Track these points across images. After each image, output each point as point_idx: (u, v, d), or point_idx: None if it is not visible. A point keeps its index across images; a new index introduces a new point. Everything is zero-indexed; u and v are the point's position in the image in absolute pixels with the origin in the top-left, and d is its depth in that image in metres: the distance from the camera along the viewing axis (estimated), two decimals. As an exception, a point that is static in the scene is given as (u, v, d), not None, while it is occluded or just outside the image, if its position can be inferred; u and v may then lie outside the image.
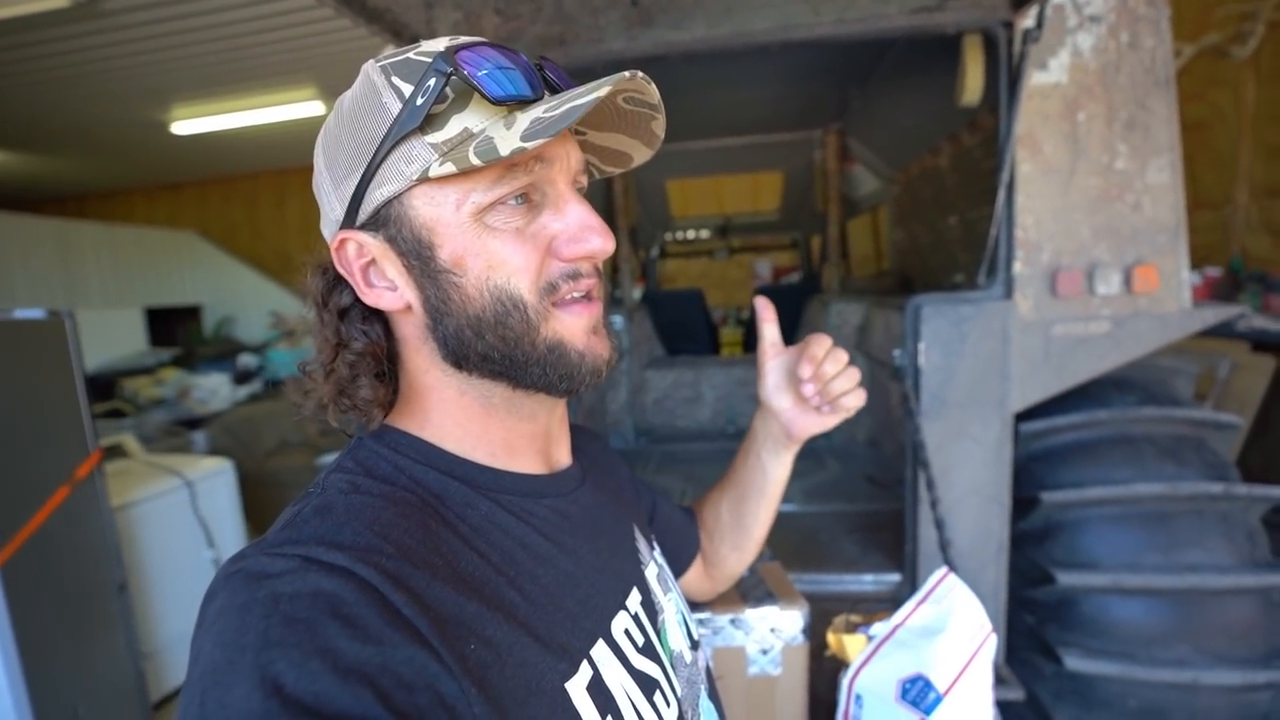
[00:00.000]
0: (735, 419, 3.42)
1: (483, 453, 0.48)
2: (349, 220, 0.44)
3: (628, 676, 0.46)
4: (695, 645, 0.61)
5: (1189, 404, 1.60)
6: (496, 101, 0.40)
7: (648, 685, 0.48)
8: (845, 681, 0.84)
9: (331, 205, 0.45)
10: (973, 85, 1.42)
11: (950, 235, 2.29)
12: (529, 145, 0.38)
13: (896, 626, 0.87)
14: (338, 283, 0.48)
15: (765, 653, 0.92)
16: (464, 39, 0.42)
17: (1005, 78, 1.32)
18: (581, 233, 0.44)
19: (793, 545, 1.78)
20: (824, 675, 0.90)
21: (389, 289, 0.45)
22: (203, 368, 5.88)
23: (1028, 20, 1.24)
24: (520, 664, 0.38)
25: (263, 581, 0.33)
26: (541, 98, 0.42)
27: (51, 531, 1.63)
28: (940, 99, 1.69)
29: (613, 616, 0.48)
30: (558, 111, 0.39)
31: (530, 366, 0.45)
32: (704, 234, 5.02)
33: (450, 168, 0.39)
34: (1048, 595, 1.48)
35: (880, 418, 2.65)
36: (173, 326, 7.62)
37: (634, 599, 0.52)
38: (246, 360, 6.10)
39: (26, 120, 5.56)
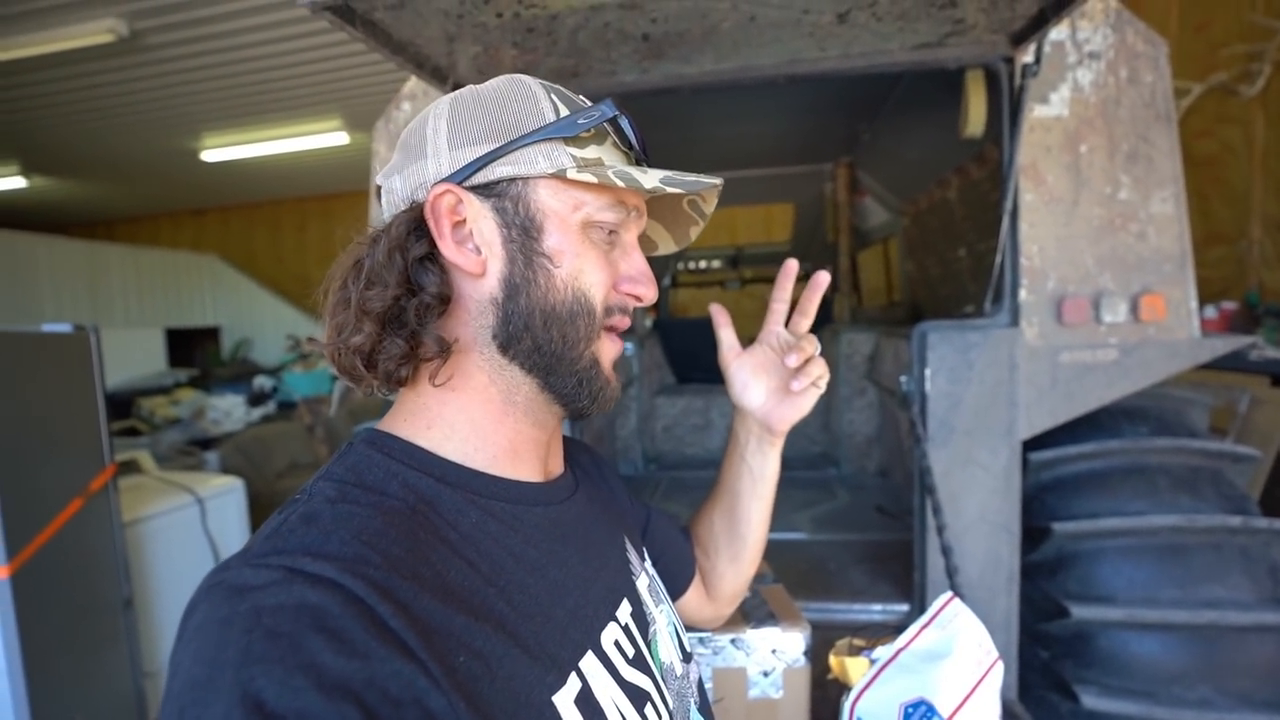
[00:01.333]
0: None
1: (483, 456, 0.48)
2: (456, 178, 0.46)
3: (617, 689, 0.46)
4: (687, 658, 0.60)
5: (1204, 435, 1.58)
6: (629, 151, 0.50)
7: (638, 697, 0.47)
8: (847, 705, 0.83)
9: (438, 160, 0.47)
10: (975, 118, 1.46)
11: (959, 266, 2.31)
12: (667, 189, 0.46)
13: (900, 650, 0.86)
14: (416, 231, 0.47)
15: (766, 675, 0.90)
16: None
17: (1007, 111, 1.35)
18: (641, 277, 0.51)
19: (800, 573, 1.76)
20: (827, 701, 0.89)
21: (474, 251, 0.47)
22: (218, 389, 5.97)
23: (1027, 56, 1.27)
24: (509, 676, 0.38)
25: (245, 594, 0.33)
26: (646, 159, 0.52)
27: (62, 543, 1.65)
28: (947, 132, 1.73)
29: (603, 627, 0.48)
30: (688, 177, 0.47)
31: (568, 375, 0.48)
32: (716, 264, 5.07)
33: (589, 177, 0.45)
34: (1062, 629, 1.44)
35: (891, 448, 2.63)
36: (191, 347, 7.76)
37: (624, 610, 0.52)
38: (261, 382, 6.19)
39: (63, 147, 5.79)
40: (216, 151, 6.02)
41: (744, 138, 2.84)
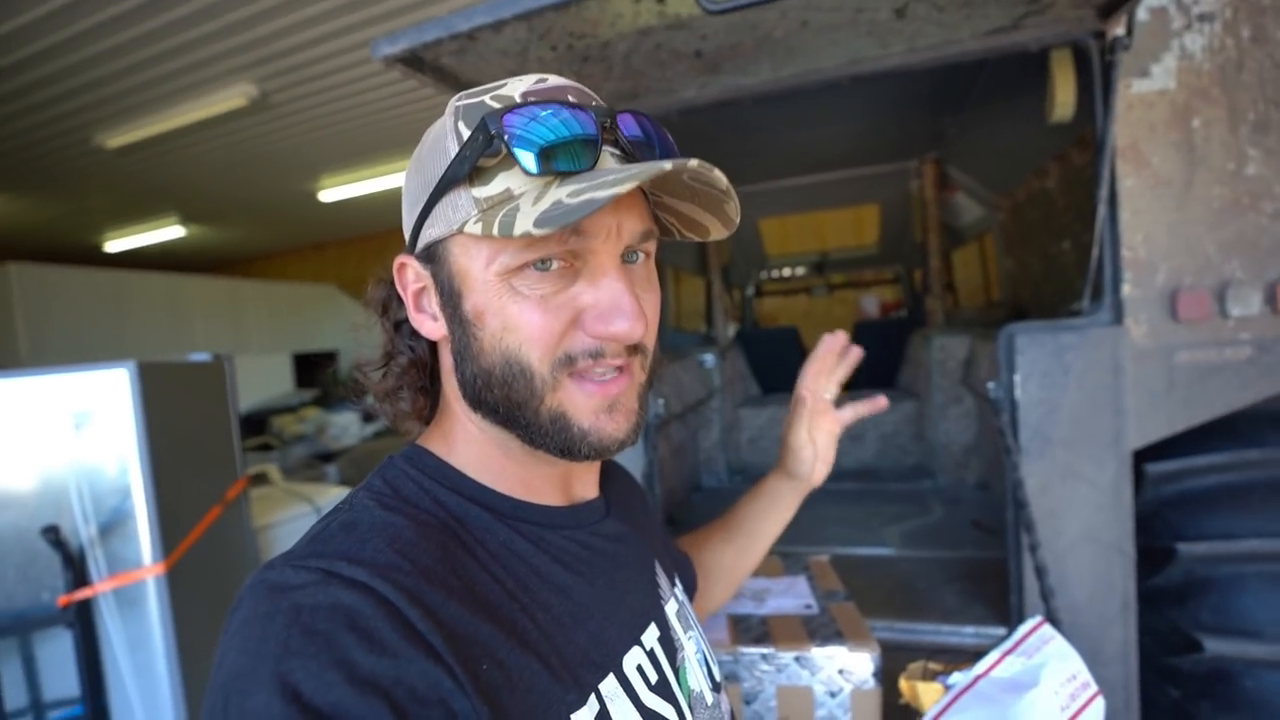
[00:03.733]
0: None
1: (505, 485, 0.49)
2: (411, 246, 0.46)
3: (636, 715, 0.45)
4: (717, 687, 0.58)
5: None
6: (529, 174, 0.39)
7: None
8: (918, 733, 0.78)
9: (407, 227, 0.47)
10: (1063, 100, 1.34)
11: (1064, 261, 2.13)
12: (536, 232, 0.37)
13: (978, 677, 0.80)
14: (397, 299, 0.50)
15: (833, 695, 0.87)
16: (540, 87, 0.41)
17: (1099, 89, 1.24)
18: (610, 312, 0.41)
19: (886, 591, 1.67)
20: (900, 727, 0.84)
21: (432, 319, 0.47)
22: (337, 407, 6.54)
23: (1118, 28, 1.16)
24: (529, 690, 0.38)
25: (285, 593, 0.35)
26: (591, 168, 0.40)
27: (205, 545, 1.88)
28: (1042, 119, 1.61)
29: (625, 651, 0.47)
30: (577, 200, 0.37)
31: (533, 430, 0.45)
32: (800, 271, 4.95)
33: (479, 230, 0.40)
34: (1195, 665, 1.27)
35: (990, 459, 2.44)
36: (314, 370, 8.58)
37: (651, 635, 0.51)
38: (373, 400, 6.70)
39: (210, 198, 6.63)
40: (332, 191, 6.65)
41: (820, 141, 2.77)
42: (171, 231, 7.50)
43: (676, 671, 0.52)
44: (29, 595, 1.71)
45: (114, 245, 7.83)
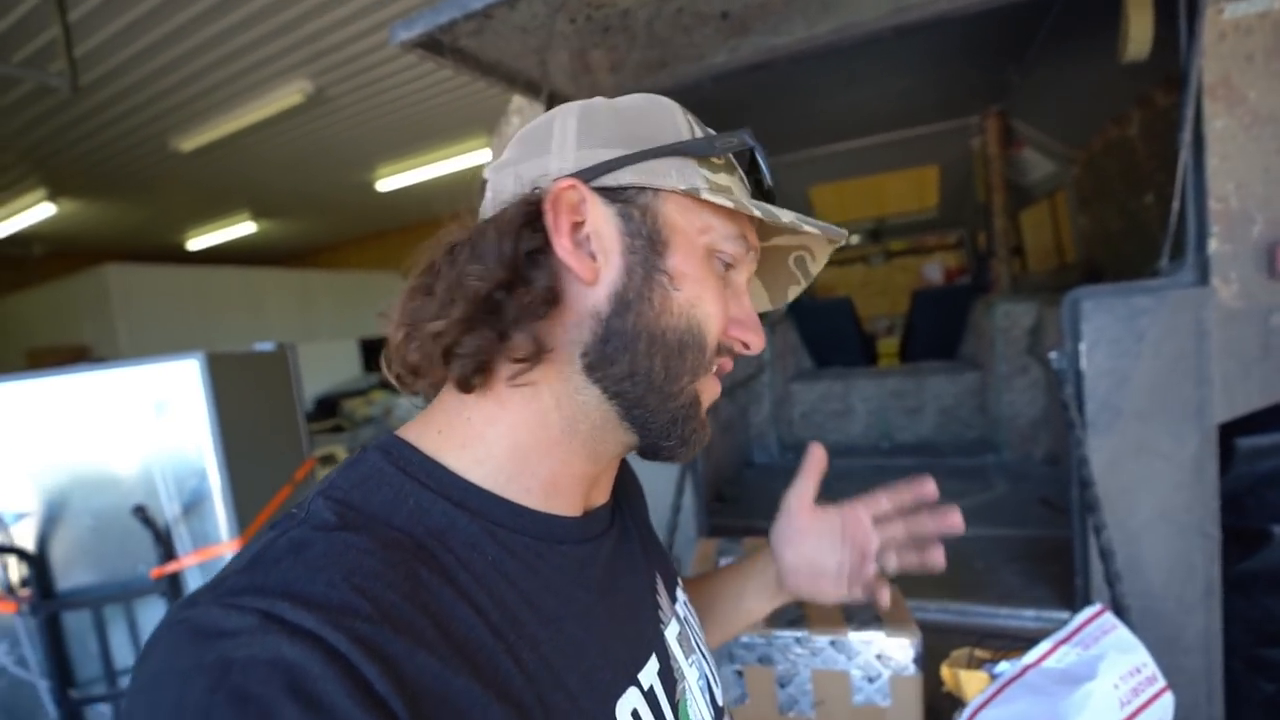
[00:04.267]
0: (890, 433, 3.17)
1: (517, 486, 0.42)
2: (582, 176, 0.42)
3: None
4: (719, 713, 0.53)
5: None
6: (759, 186, 0.48)
7: None
8: (960, 723, 0.75)
9: (563, 157, 0.43)
10: (1138, 35, 1.21)
11: (1147, 217, 1.95)
12: (804, 226, 0.44)
13: (1028, 667, 0.76)
14: (531, 224, 0.42)
15: (871, 681, 0.84)
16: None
17: (1184, 17, 1.10)
18: (750, 323, 0.46)
19: (940, 572, 1.60)
20: (944, 713, 0.81)
21: (589, 257, 0.42)
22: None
23: (1204, -52, 1.03)
24: None
25: (212, 642, 0.28)
26: (774, 201, 0.47)
27: (276, 522, 2.00)
28: (1119, 60, 1.45)
29: (620, 694, 0.42)
30: (820, 224, 0.45)
31: (661, 410, 0.43)
32: (855, 239, 4.76)
33: (724, 200, 0.42)
34: (1291, 656, 1.17)
35: (1059, 433, 2.29)
36: (379, 354, 8.98)
37: (649, 670, 0.45)
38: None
39: (276, 193, 6.97)
40: (388, 180, 6.86)
41: (869, 101, 2.62)
42: (244, 227, 7.95)
43: (676, 706, 0.47)
44: (128, 568, 1.88)
45: (195, 243, 8.37)
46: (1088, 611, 0.80)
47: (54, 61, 3.61)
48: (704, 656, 0.54)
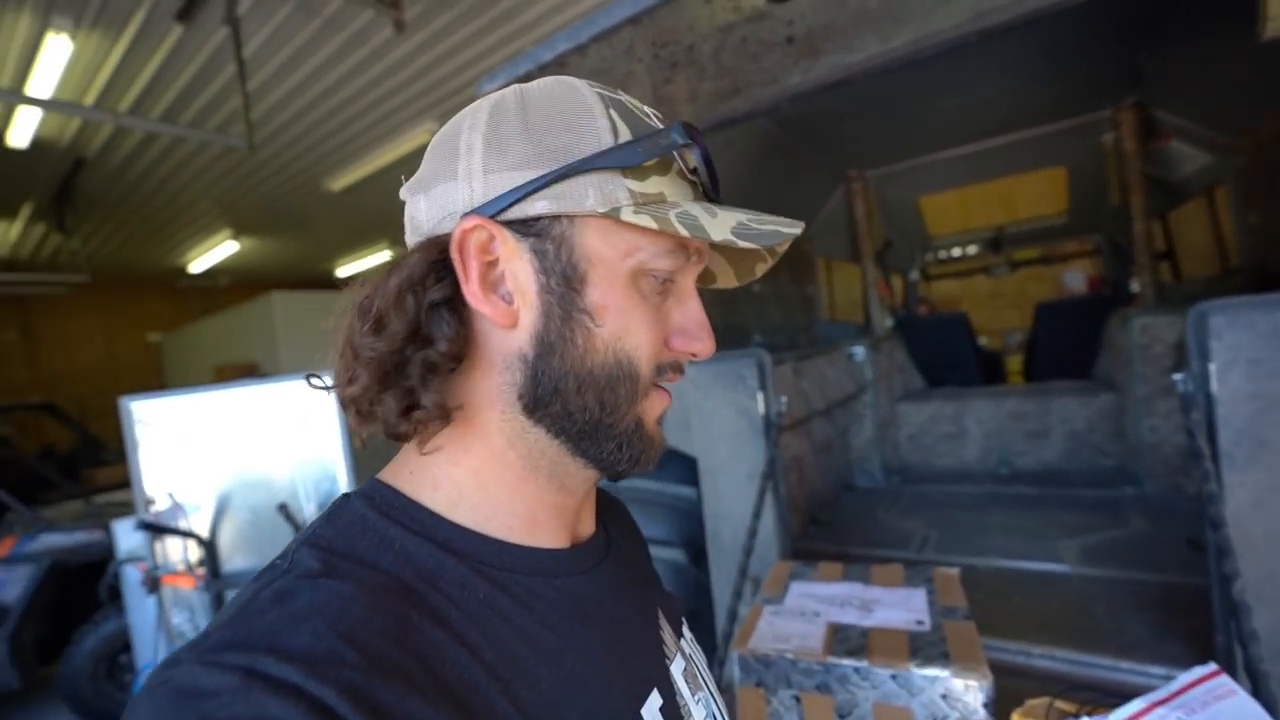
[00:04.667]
0: (1009, 458, 2.90)
1: (497, 524, 0.41)
2: (489, 210, 0.39)
3: None
4: None
5: None
6: (701, 189, 0.43)
7: None
8: (1031, 776, 0.69)
9: (470, 184, 0.40)
10: (1277, 12, 1.06)
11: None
12: (740, 243, 0.38)
13: (1115, 724, 0.68)
14: (438, 270, 0.40)
15: (937, 722, 0.80)
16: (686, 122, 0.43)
17: None
18: (696, 329, 0.43)
19: (1051, 613, 1.45)
20: (1022, 767, 0.75)
21: (503, 300, 0.40)
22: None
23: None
24: None
25: (194, 702, 0.28)
26: (716, 194, 0.44)
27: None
28: None
29: None
30: (765, 227, 0.39)
31: (607, 440, 0.41)
32: (972, 250, 4.43)
33: (648, 221, 0.38)
34: None
35: (1217, 464, 1.99)
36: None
37: (652, 707, 0.43)
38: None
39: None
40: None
41: (976, 105, 2.47)
42: (383, 255, 8.87)
43: None
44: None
45: (343, 271, 9.46)
46: (1199, 671, 0.72)
47: (235, 125, 4.31)
48: (712, 695, 0.52)
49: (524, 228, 0.39)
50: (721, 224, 0.39)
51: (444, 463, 0.41)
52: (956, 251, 4.51)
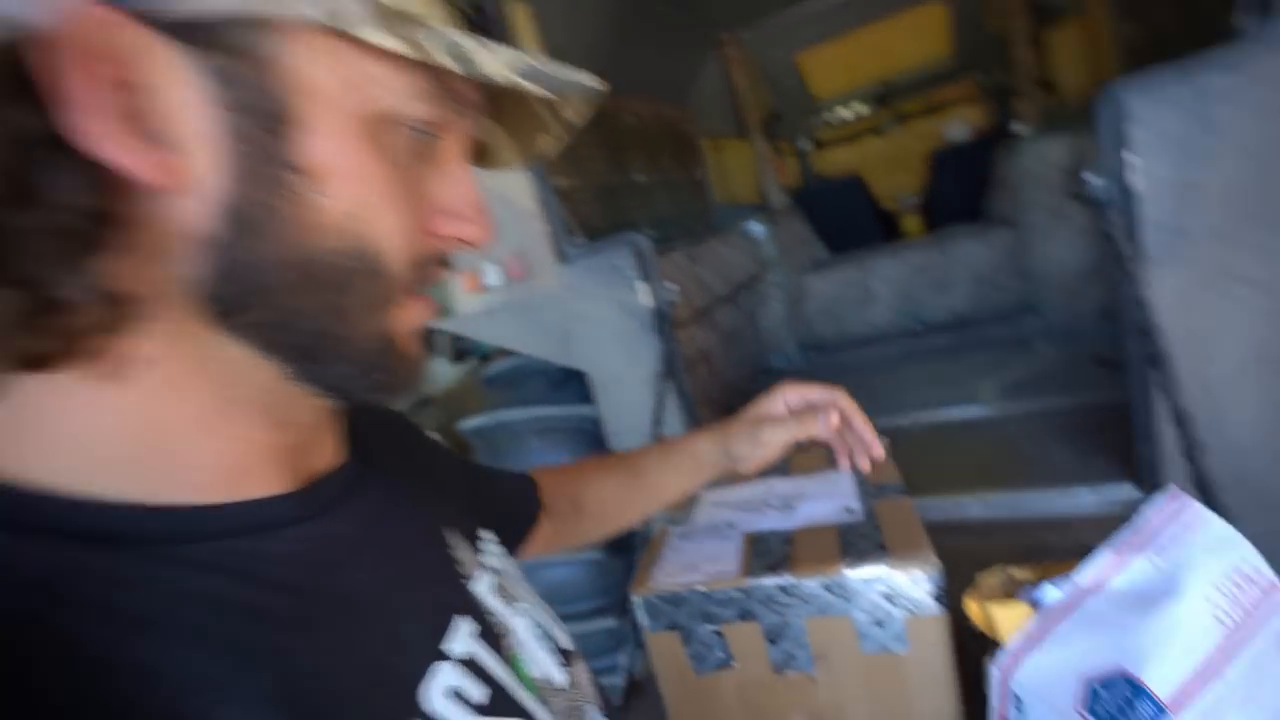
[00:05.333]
0: (920, 312, 2.89)
1: (182, 483, 0.28)
2: (131, 1, 0.23)
3: None
4: (567, 658, 0.44)
5: None
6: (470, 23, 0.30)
7: None
8: (996, 673, 0.56)
9: None
10: None
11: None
12: (527, 86, 0.29)
13: (1085, 592, 0.56)
14: (26, 88, 0.23)
15: (881, 625, 0.66)
16: None
17: None
18: (468, 209, 0.33)
19: (979, 460, 1.40)
20: (990, 650, 0.62)
21: (149, 144, 0.24)
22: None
23: None
24: None
25: None
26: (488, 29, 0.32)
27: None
28: None
29: (422, 678, 0.32)
30: (559, 74, 0.30)
31: (339, 361, 0.30)
32: (863, 111, 4.30)
33: (399, 45, 0.25)
34: None
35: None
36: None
37: (462, 636, 0.36)
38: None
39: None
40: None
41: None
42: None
43: (510, 663, 0.38)
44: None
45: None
46: (1159, 503, 0.59)
47: None
48: (534, 604, 0.46)
49: (194, 35, 0.24)
50: (501, 62, 0.28)
51: (70, 405, 0.26)
52: (846, 115, 4.36)
